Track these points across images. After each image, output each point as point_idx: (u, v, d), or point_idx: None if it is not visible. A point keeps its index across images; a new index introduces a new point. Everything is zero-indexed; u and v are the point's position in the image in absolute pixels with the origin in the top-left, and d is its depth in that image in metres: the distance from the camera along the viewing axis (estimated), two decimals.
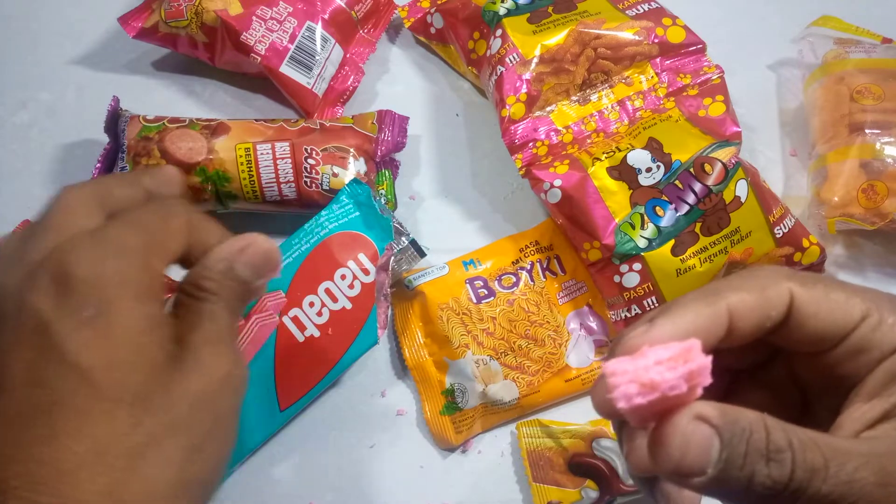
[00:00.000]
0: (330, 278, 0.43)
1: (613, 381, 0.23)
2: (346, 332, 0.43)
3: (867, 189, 0.53)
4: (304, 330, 0.43)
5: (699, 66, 0.56)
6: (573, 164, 0.52)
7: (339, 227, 0.46)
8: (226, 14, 0.57)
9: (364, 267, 0.43)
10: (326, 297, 0.43)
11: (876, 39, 0.59)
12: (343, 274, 0.43)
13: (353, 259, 0.44)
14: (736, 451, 0.23)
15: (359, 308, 0.43)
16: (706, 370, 0.23)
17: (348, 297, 0.43)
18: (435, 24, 0.61)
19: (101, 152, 0.54)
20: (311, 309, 0.43)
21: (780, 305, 0.26)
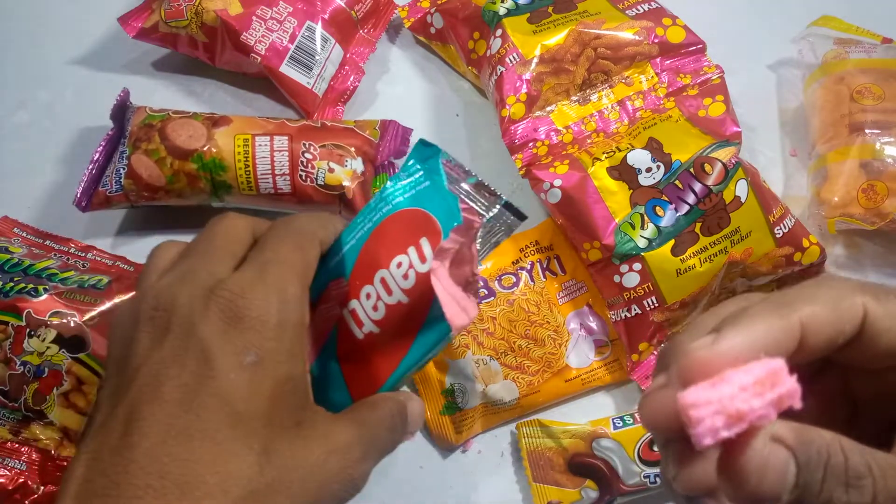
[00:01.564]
0: (386, 266, 0.35)
1: (696, 414, 0.21)
2: (405, 330, 0.35)
3: (867, 189, 0.53)
4: (361, 326, 0.35)
5: (699, 66, 0.56)
6: (573, 164, 0.52)
7: (405, 202, 0.36)
8: (226, 14, 0.57)
9: (423, 254, 0.34)
10: (382, 288, 0.35)
11: (876, 39, 0.59)
12: (399, 262, 0.34)
13: (414, 244, 0.35)
14: (813, 477, 0.22)
15: (417, 303, 0.34)
16: (796, 394, 0.21)
17: (403, 289, 0.34)
18: (435, 24, 0.61)
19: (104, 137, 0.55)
20: (368, 301, 0.35)
21: (853, 320, 0.24)
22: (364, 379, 0.36)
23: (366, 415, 0.32)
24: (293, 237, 0.32)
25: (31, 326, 0.48)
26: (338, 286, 0.35)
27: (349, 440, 0.30)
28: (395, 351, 0.35)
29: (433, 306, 0.33)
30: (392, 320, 0.34)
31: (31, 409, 0.47)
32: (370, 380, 0.35)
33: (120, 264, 0.53)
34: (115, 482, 0.26)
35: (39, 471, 0.47)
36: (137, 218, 0.57)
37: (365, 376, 0.36)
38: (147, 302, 0.29)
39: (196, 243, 0.32)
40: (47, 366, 0.47)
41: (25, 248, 0.52)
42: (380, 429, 0.32)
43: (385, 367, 0.35)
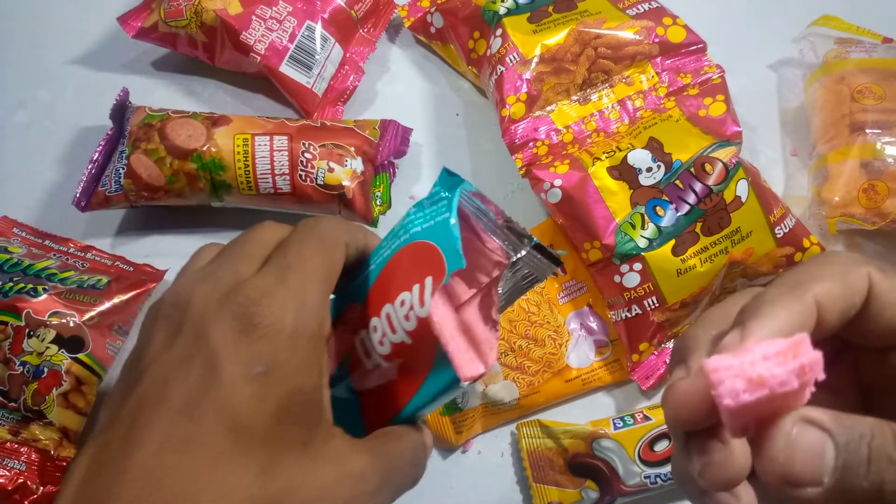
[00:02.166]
0: (391, 301, 0.32)
1: (717, 376, 0.21)
2: (413, 370, 0.32)
3: (868, 189, 0.53)
4: (368, 357, 0.33)
5: (700, 65, 0.56)
6: (573, 163, 0.52)
7: (420, 232, 0.33)
8: (225, 13, 0.57)
9: (423, 296, 0.31)
10: (387, 323, 0.32)
11: (876, 39, 0.59)
12: (403, 299, 0.32)
13: (419, 282, 0.32)
14: (856, 457, 0.21)
15: (420, 345, 0.31)
16: (818, 364, 0.21)
17: (405, 329, 0.32)
18: (435, 24, 0.61)
19: (103, 137, 0.55)
20: (375, 334, 0.33)
21: (861, 291, 0.24)
22: (376, 408, 0.34)
23: (388, 445, 0.30)
24: (317, 241, 0.30)
25: (31, 326, 0.48)
26: (354, 310, 0.33)
27: (364, 468, 0.28)
28: (405, 388, 0.32)
29: (437, 352, 0.31)
30: (397, 358, 0.32)
31: (31, 409, 0.47)
32: (382, 410, 0.33)
33: (119, 264, 0.53)
34: (109, 489, 0.25)
35: (39, 471, 0.47)
36: (137, 218, 0.57)
37: (377, 406, 0.34)
38: (166, 299, 0.29)
39: (229, 246, 0.31)
40: (46, 366, 0.47)
41: (25, 248, 0.52)
42: (401, 462, 0.30)
43: (395, 403, 0.33)
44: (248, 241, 0.30)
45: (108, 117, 0.54)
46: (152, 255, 0.55)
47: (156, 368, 0.27)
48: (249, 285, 0.28)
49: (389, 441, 0.30)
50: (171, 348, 0.27)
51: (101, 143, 0.54)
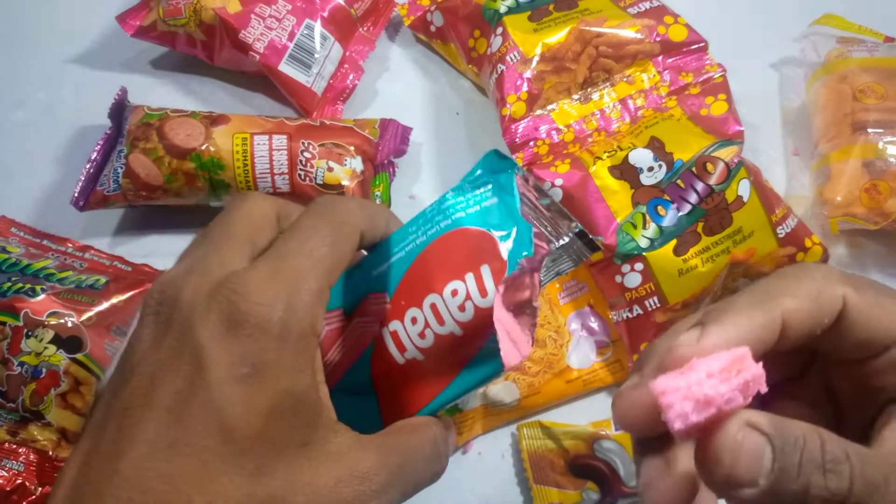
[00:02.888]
0: (438, 291, 0.30)
1: (666, 400, 0.22)
2: (452, 361, 0.31)
3: (870, 188, 0.53)
4: (403, 351, 0.31)
5: (701, 64, 0.56)
6: (574, 163, 0.51)
7: (467, 218, 0.32)
8: (224, 12, 0.56)
9: (484, 285, 0.29)
10: (432, 314, 0.31)
11: (879, 38, 0.59)
12: (455, 289, 0.30)
13: (473, 271, 0.30)
14: (790, 461, 0.22)
15: (471, 336, 0.30)
16: (761, 379, 0.22)
17: (457, 320, 0.30)
18: (435, 23, 0.61)
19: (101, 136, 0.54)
20: (414, 326, 0.31)
21: (833, 311, 0.25)
22: (398, 404, 0.32)
23: (400, 440, 0.29)
24: (329, 230, 0.28)
25: (29, 327, 0.47)
26: (378, 301, 0.31)
27: (371, 467, 0.27)
28: (438, 381, 0.31)
29: (489, 342, 0.29)
30: (440, 350, 0.31)
31: (29, 409, 0.47)
32: (405, 406, 0.32)
33: (117, 264, 0.53)
34: (99, 492, 0.24)
35: (37, 472, 0.47)
36: (135, 217, 0.57)
37: (400, 401, 0.32)
38: (153, 294, 0.27)
39: (211, 228, 0.29)
40: (45, 366, 0.47)
41: (23, 247, 0.52)
42: (415, 457, 0.29)
43: (423, 396, 0.31)
44: (233, 222, 0.28)
45: (106, 116, 0.54)
46: (151, 255, 0.55)
47: (144, 367, 0.26)
48: (238, 278, 0.26)
49: (403, 435, 0.29)
50: (160, 347, 0.26)
51: (99, 143, 0.54)
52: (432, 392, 0.31)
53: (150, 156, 0.52)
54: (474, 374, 0.31)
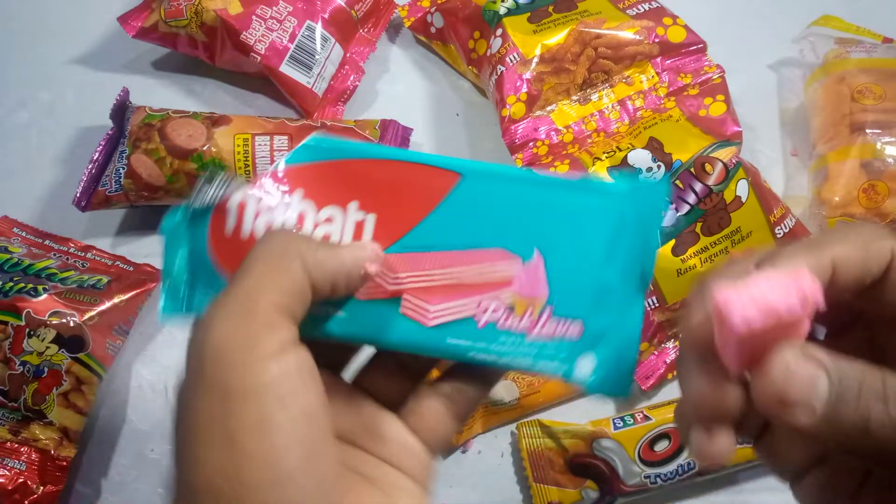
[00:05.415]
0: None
1: (729, 305, 0.22)
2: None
3: (868, 189, 0.53)
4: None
5: (700, 65, 0.56)
6: (574, 163, 0.52)
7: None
8: (225, 13, 0.57)
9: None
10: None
11: (877, 39, 0.59)
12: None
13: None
14: (848, 392, 0.22)
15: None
16: (818, 294, 0.22)
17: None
18: (435, 24, 0.61)
19: (103, 137, 0.55)
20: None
21: (881, 261, 0.25)
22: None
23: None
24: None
25: (31, 326, 0.48)
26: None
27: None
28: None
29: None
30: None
31: (31, 409, 0.47)
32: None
33: (119, 264, 0.53)
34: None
35: (39, 471, 0.47)
36: (137, 218, 0.57)
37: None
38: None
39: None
40: (47, 366, 0.47)
41: (25, 247, 0.52)
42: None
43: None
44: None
45: (108, 117, 0.54)
46: (152, 255, 0.55)
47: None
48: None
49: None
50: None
51: (101, 143, 0.54)
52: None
53: (152, 156, 0.52)
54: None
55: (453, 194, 0.28)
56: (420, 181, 0.28)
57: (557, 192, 0.28)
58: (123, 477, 0.49)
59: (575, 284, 0.28)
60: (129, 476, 0.49)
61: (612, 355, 0.28)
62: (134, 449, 0.50)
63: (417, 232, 0.28)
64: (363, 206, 0.28)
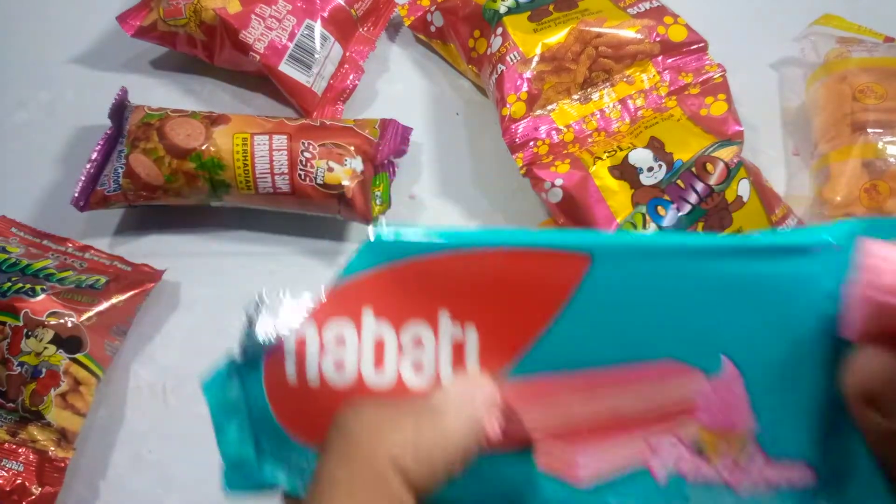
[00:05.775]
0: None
1: (869, 260, 0.17)
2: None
3: (870, 188, 0.53)
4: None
5: (701, 64, 0.56)
6: (574, 163, 0.52)
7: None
8: (224, 12, 0.56)
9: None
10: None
11: (878, 38, 0.59)
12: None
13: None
14: None
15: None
16: None
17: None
18: (435, 23, 0.61)
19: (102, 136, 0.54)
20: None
21: None
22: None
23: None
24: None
25: (29, 327, 0.48)
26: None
27: None
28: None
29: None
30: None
31: (29, 409, 0.47)
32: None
33: (118, 264, 0.53)
34: None
35: (37, 472, 0.47)
36: (135, 217, 0.57)
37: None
38: None
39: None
40: (45, 366, 0.47)
41: (23, 247, 0.52)
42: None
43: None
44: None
45: (106, 116, 0.54)
46: (151, 255, 0.55)
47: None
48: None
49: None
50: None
51: (99, 143, 0.54)
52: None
53: (151, 156, 0.52)
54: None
55: (585, 286, 0.19)
56: (533, 272, 0.20)
57: (739, 262, 0.19)
58: (122, 478, 0.49)
59: (791, 403, 0.19)
60: (128, 477, 0.49)
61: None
62: (132, 450, 0.50)
63: (541, 347, 0.20)
64: (457, 316, 0.21)
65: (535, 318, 0.20)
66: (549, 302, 0.20)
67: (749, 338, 0.19)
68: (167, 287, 0.54)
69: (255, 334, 0.22)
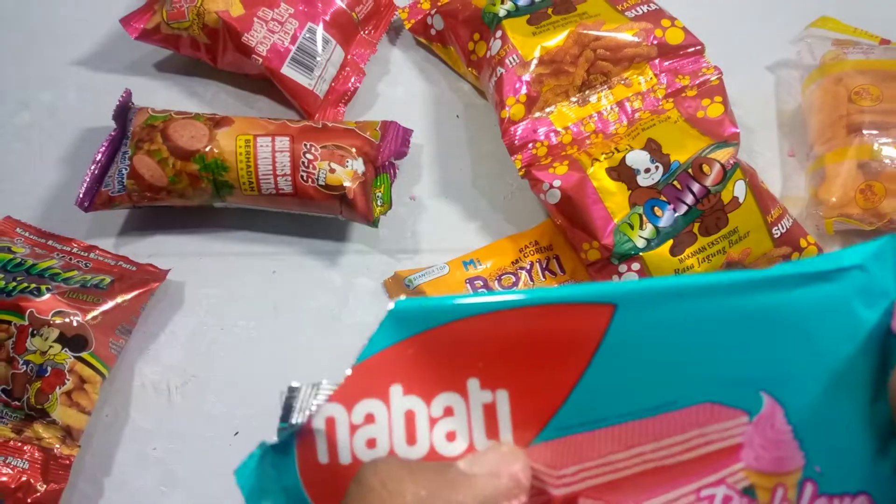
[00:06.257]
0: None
1: None
2: None
3: (865, 189, 0.54)
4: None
5: (698, 67, 0.56)
6: (572, 164, 0.52)
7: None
8: (227, 15, 0.57)
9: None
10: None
11: (874, 40, 0.59)
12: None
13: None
14: None
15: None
16: None
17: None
18: (435, 26, 0.62)
19: (106, 138, 0.55)
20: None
21: None
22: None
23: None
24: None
25: (34, 326, 0.48)
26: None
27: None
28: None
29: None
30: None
31: (34, 407, 0.47)
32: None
33: (122, 264, 0.54)
34: None
35: (42, 469, 0.47)
36: (139, 218, 0.57)
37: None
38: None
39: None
40: (50, 365, 0.48)
41: (28, 248, 0.53)
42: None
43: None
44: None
45: (110, 118, 0.55)
46: (155, 255, 0.55)
47: None
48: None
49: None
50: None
51: (103, 144, 0.55)
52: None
53: (155, 157, 0.52)
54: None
55: (611, 336, 0.19)
56: (557, 328, 0.19)
57: (763, 295, 0.18)
58: (126, 475, 0.50)
59: (841, 435, 0.18)
60: (132, 475, 0.50)
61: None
62: (136, 448, 0.50)
63: (574, 402, 0.19)
64: (487, 382, 0.20)
65: (565, 373, 0.19)
66: (577, 355, 0.19)
67: (785, 371, 0.18)
68: (171, 287, 0.55)
69: (289, 421, 0.22)
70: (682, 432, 0.18)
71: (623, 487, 0.18)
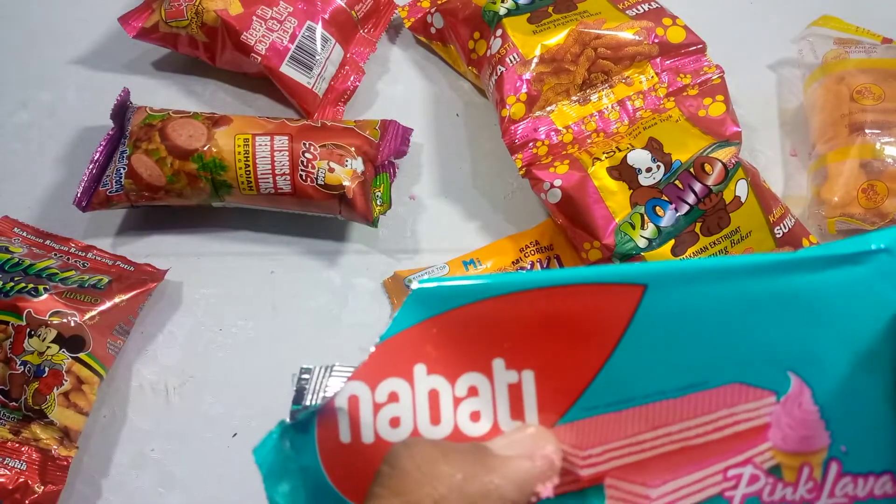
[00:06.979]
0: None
1: None
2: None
3: (867, 189, 0.53)
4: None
5: (699, 66, 0.56)
6: (573, 164, 0.52)
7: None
8: (226, 14, 0.57)
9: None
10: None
11: (876, 39, 0.59)
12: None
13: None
14: None
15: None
16: None
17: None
18: (435, 24, 0.61)
19: (104, 137, 0.55)
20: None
21: None
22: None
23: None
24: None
25: (32, 326, 0.48)
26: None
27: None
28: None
29: None
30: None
31: (32, 408, 0.47)
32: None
33: (120, 264, 0.53)
34: None
35: (39, 470, 0.47)
36: (138, 218, 0.57)
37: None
38: None
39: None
40: (47, 365, 0.48)
41: (26, 247, 0.52)
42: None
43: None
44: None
45: (109, 117, 0.55)
46: (153, 255, 0.55)
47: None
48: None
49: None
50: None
51: (102, 143, 0.54)
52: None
53: (153, 156, 0.52)
54: None
55: (640, 317, 0.19)
56: (585, 308, 0.19)
57: (791, 276, 0.18)
58: (124, 476, 0.49)
59: (866, 416, 0.18)
60: (130, 475, 0.50)
61: None
62: (134, 448, 0.50)
63: (601, 383, 0.19)
64: (512, 362, 0.20)
65: (593, 353, 0.19)
66: (605, 335, 0.19)
67: (812, 351, 0.18)
68: (169, 287, 0.54)
69: (304, 394, 0.22)
70: (709, 412, 0.18)
71: (650, 467, 0.19)
